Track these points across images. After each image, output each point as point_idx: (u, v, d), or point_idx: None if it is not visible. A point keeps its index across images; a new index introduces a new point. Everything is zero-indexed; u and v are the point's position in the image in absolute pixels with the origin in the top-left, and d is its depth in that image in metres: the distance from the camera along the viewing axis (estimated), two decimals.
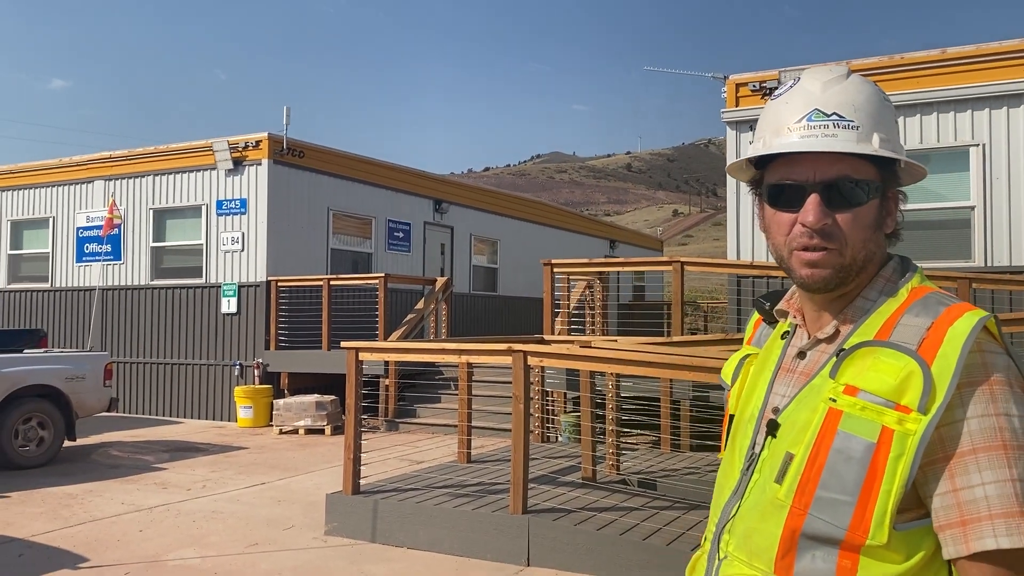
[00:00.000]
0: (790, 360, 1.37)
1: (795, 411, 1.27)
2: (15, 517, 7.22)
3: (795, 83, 1.31)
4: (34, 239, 16.87)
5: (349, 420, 6.73)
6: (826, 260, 1.25)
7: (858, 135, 1.24)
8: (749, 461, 1.33)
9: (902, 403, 1.16)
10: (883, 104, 1.28)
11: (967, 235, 9.29)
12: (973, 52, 9.24)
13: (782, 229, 1.29)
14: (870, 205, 1.26)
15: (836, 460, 1.18)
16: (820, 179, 1.24)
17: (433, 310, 13.96)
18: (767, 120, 1.32)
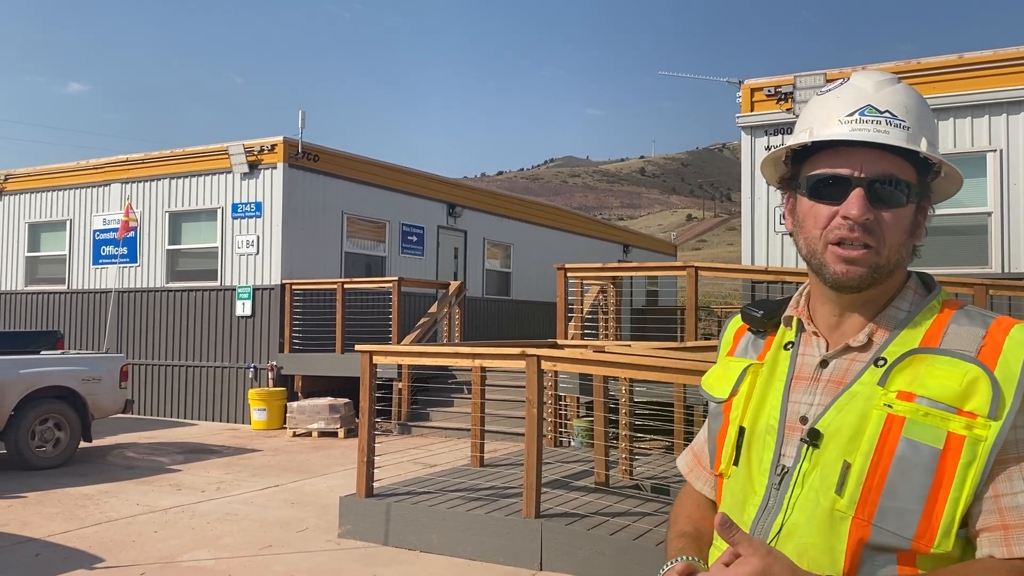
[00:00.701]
0: (809, 369, 1.32)
1: (837, 419, 1.23)
2: (32, 517, 7.28)
3: (845, 81, 1.30)
4: (51, 241, 17.01)
5: (363, 423, 6.75)
6: (864, 258, 1.23)
7: (908, 135, 1.23)
8: (780, 475, 1.27)
9: (966, 409, 1.15)
10: (930, 112, 1.29)
11: (984, 241, 9.23)
12: (991, 57, 9.19)
13: (819, 222, 1.26)
14: (909, 208, 1.26)
15: (900, 467, 1.16)
16: (867, 174, 1.23)
17: (446, 314, 13.98)
18: (814, 113, 1.31)
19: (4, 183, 17.56)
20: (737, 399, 1.38)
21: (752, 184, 10.21)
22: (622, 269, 11.78)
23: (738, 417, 1.36)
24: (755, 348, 1.43)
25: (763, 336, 1.43)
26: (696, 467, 1.56)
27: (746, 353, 1.44)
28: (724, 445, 1.38)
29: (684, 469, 1.59)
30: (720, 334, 1.56)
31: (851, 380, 1.26)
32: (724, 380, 1.43)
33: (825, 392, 1.28)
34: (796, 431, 1.28)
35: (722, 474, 1.38)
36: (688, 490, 1.58)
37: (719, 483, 1.41)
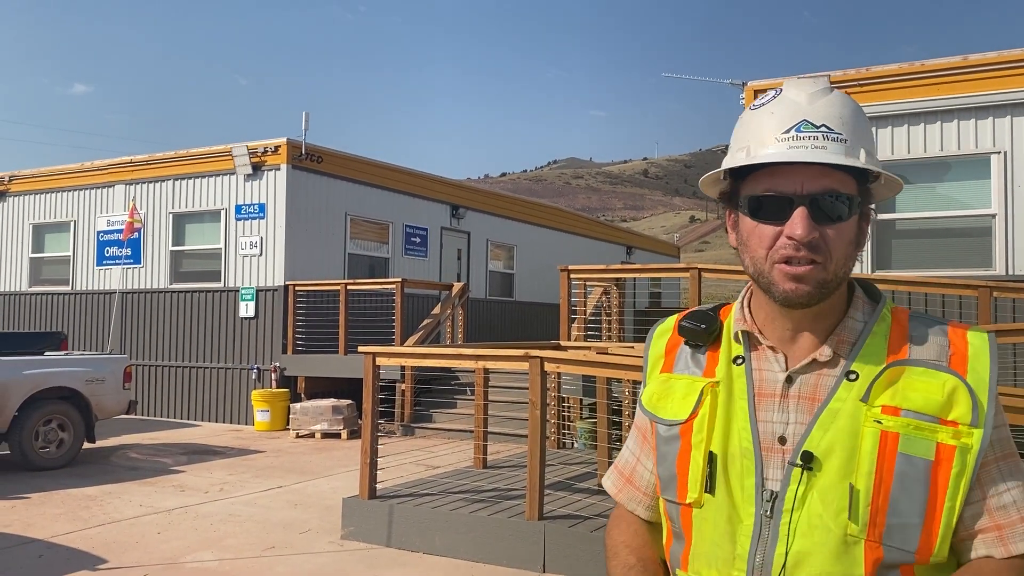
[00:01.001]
0: (772, 385, 1.27)
1: (827, 439, 1.20)
2: (35, 518, 7.29)
3: (778, 94, 1.26)
4: (55, 242, 17.04)
5: (366, 424, 6.75)
6: (811, 275, 1.20)
7: (846, 148, 1.20)
8: (770, 501, 1.22)
9: (950, 419, 1.17)
10: (865, 120, 1.26)
11: (988, 243, 9.20)
12: (995, 59, 9.17)
13: (764, 241, 1.23)
14: (852, 221, 1.23)
15: (902, 484, 1.17)
16: (808, 191, 1.20)
17: (449, 315, 13.98)
18: (749, 130, 1.27)
19: (8, 184, 17.60)
20: (699, 421, 1.29)
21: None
22: (625, 271, 11.78)
23: (703, 440, 1.28)
24: (696, 363, 1.35)
25: (702, 350, 1.36)
26: (627, 487, 1.48)
27: (688, 369, 1.35)
28: (690, 472, 1.29)
29: (613, 490, 1.51)
30: (647, 347, 1.45)
31: (826, 396, 1.23)
32: (675, 400, 1.34)
33: (799, 410, 1.24)
34: (776, 452, 1.24)
35: (691, 503, 1.28)
36: (621, 513, 1.50)
37: (685, 512, 1.30)
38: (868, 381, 1.22)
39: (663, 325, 1.45)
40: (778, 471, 1.22)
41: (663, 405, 1.35)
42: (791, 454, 1.22)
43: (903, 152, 9.59)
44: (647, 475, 1.44)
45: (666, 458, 1.33)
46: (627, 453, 1.50)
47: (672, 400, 1.34)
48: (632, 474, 1.47)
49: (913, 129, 9.54)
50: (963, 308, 9.00)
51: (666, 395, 1.35)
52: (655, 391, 1.38)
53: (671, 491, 1.32)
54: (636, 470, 1.46)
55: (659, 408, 1.36)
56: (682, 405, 1.32)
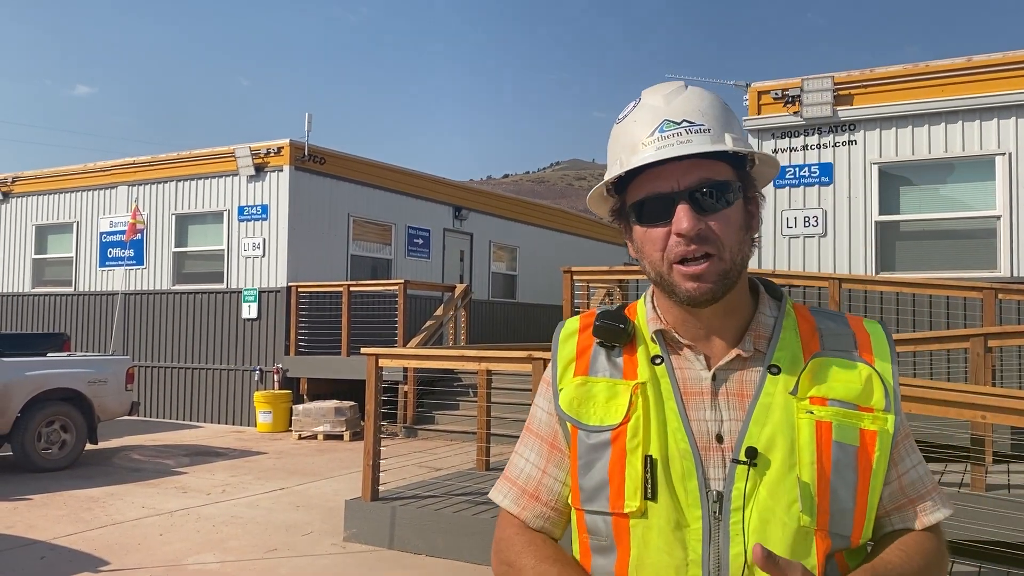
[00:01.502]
0: (697, 383, 1.26)
1: (765, 433, 1.20)
2: (37, 520, 7.28)
3: (637, 102, 1.29)
4: (58, 243, 17.05)
5: (368, 426, 6.73)
6: (709, 270, 1.21)
7: (711, 137, 1.22)
8: (718, 500, 1.20)
9: (868, 405, 1.24)
10: (726, 108, 1.28)
11: (993, 245, 9.17)
12: (999, 60, 9.14)
13: (656, 245, 1.24)
14: (736, 206, 1.25)
15: (838, 471, 1.20)
16: (685, 186, 1.21)
17: (452, 317, 13.97)
18: (619, 143, 1.28)
19: (11, 185, 17.62)
20: (632, 424, 1.24)
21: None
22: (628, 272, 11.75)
23: (639, 445, 1.23)
24: (614, 365, 1.30)
25: (618, 351, 1.32)
26: (532, 503, 1.37)
27: (606, 371, 1.30)
28: (627, 478, 1.23)
29: (514, 508, 1.38)
30: (554, 350, 1.38)
31: (755, 391, 1.24)
32: (598, 404, 1.28)
33: (731, 407, 1.24)
34: (714, 451, 1.22)
35: (629, 512, 1.22)
36: (518, 531, 1.37)
37: (619, 522, 1.23)
38: (793, 374, 1.24)
39: (568, 326, 1.39)
40: (720, 470, 1.21)
41: (586, 410, 1.29)
42: (732, 452, 1.21)
43: (907, 153, 9.57)
44: (558, 487, 1.35)
45: (592, 466, 1.26)
46: (527, 466, 1.39)
47: (595, 404, 1.28)
48: (538, 488, 1.37)
49: (917, 130, 9.52)
50: (967, 310, 8.97)
51: (587, 399, 1.29)
52: (574, 396, 1.31)
53: (599, 501, 1.25)
54: (543, 483, 1.36)
55: (582, 414, 1.29)
56: (608, 409, 1.27)
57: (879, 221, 9.61)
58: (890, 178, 9.68)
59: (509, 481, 1.41)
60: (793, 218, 9.95)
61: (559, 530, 1.38)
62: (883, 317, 9.44)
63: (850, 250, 9.67)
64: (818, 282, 9.23)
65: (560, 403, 1.32)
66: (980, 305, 8.47)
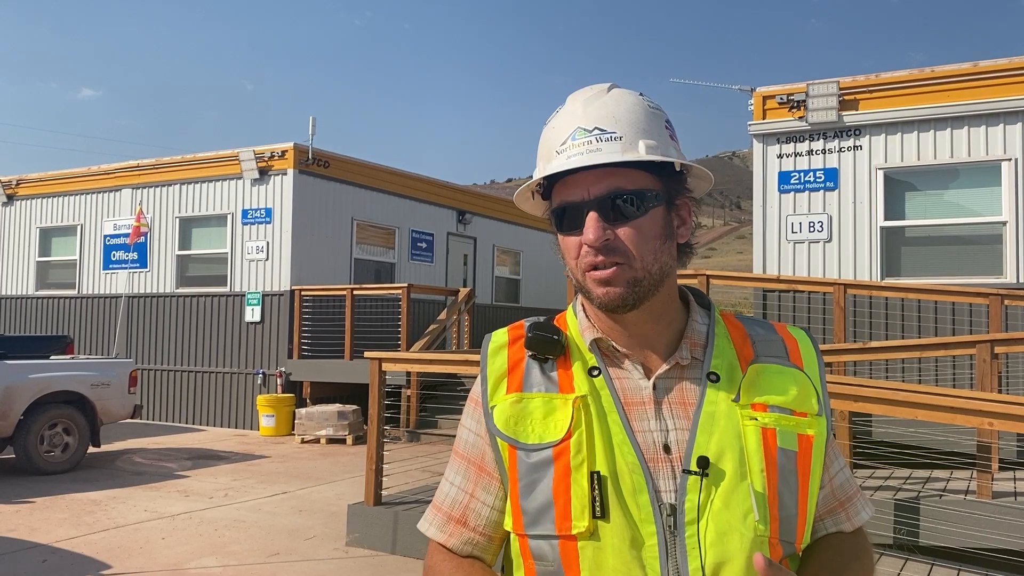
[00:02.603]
0: (637, 394, 1.22)
1: (714, 442, 1.17)
2: (39, 523, 7.26)
3: (561, 107, 1.27)
4: (62, 246, 17.06)
5: (371, 430, 6.71)
6: (617, 276, 1.19)
7: (623, 145, 1.19)
8: (672, 514, 1.15)
9: (803, 410, 1.23)
10: (648, 112, 1.23)
11: (999, 251, 9.14)
12: (1006, 65, 9.12)
13: (571, 252, 1.23)
14: (652, 215, 1.21)
15: (783, 477, 1.19)
16: (594, 195, 1.19)
17: (455, 321, 13.95)
18: (541, 148, 1.28)
19: (16, 188, 17.64)
20: (575, 440, 1.18)
21: (764, 192, 10.16)
22: None
23: (583, 462, 1.17)
24: (548, 379, 1.25)
25: (551, 364, 1.27)
26: (460, 530, 1.31)
27: (541, 386, 1.25)
28: (573, 498, 1.16)
29: (440, 536, 1.33)
30: (483, 364, 1.32)
31: (697, 400, 1.21)
32: (535, 421, 1.22)
33: (675, 416, 1.21)
34: (663, 463, 1.18)
35: (577, 534, 1.16)
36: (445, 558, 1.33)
37: (567, 545, 1.17)
38: (732, 381, 1.23)
39: (496, 339, 1.34)
40: (670, 482, 1.17)
41: (523, 429, 1.22)
42: (682, 462, 1.17)
43: (913, 159, 9.54)
44: (486, 511, 1.29)
45: (534, 487, 1.19)
46: (454, 491, 1.33)
47: (532, 422, 1.22)
48: (465, 514, 1.31)
49: (923, 135, 9.49)
50: (973, 316, 8.93)
51: (523, 417, 1.23)
52: (509, 413, 1.24)
53: (544, 524, 1.18)
54: (470, 508, 1.30)
55: (519, 432, 1.23)
56: (547, 425, 1.21)
57: (885, 226, 9.58)
58: (896, 183, 9.65)
59: (435, 508, 1.36)
60: (798, 223, 9.92)
61: (490, 555, 1.33)
62: (888, 323, 9.40)
63: (855, 255, 9.64)
64: (823, 287, 9.20)
65: (495, 422, 1.25)
66: (986, 311, 8.44)
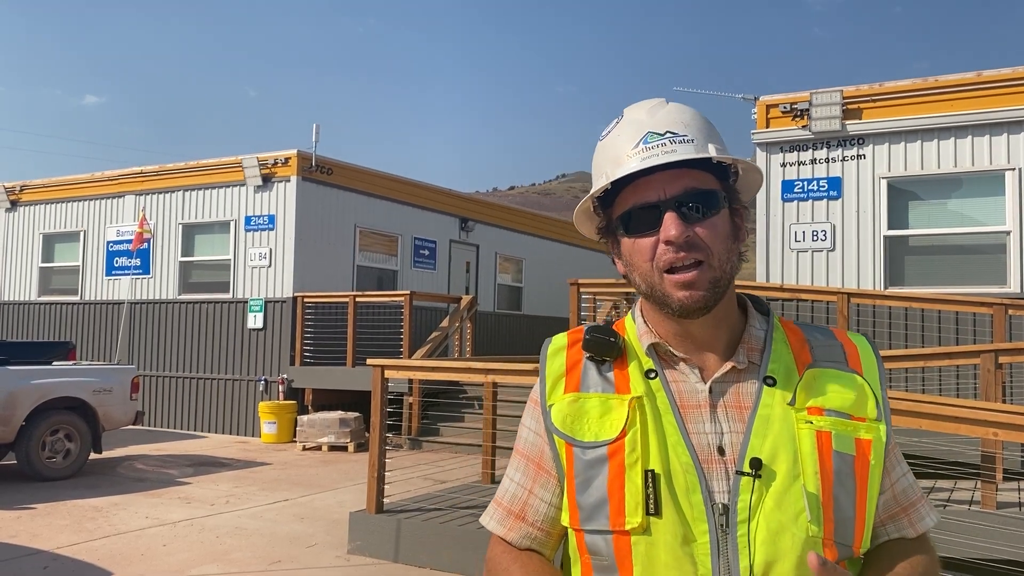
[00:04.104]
0: (693, 396, 1.26)
1: (767, 444, 1.20)
2: (41, 529, 7.25)
3: (620, 119, 1.31)
4: (65, 252, 17.08)
5: (373, 438, 6.69)
6: (700, 277, 1.22)
7: (695, 147, 1.24)
8: (724, 513, 1.19)
9: (861, 415, 1.24)
10: (708, 122, 1.30)
11: (1003, 260, 9.12)
12: (1009, 75, 9.12)
13: (645, 255, 1.25)
14: (723, 215, 1.26)
15: (839, 480, 1.20)
16: (671, 194, 1.23)
17: (458, 328, 13.94)
18: (604, 157, 1.30)
19: (19, 194, 17.67)
20: (630, 439, 1.22)
21: (767, 201, 10.16)
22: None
23: (638, 460, 1.21)
24: (606, 380, 1.29)
25: (608, 366, 1.30)
26: (519, 524, 1.35)
27: (598, 387, 1.29)
28: (627, 495, 1.20)
29: (500, 529, 1.37)
30: (542, 365, 1.36)
31: (753, 403, 1.24)
32: (592, 420, 1.26)
33: (730, 419, 1.24)
34: (716, 464, 1.21)
35: (631, 529, 1.20)
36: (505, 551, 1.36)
37: (620, 541, 1.21)
38: (789, 385, 1.25)
39: (556, 342, 1.38)
40: (723, 483, 1.21)
41: (579, 427, 1.27)
42: (736, 464, 1.21)
43: (917, 168, 9.54)
44: (543, 507, 1.34)
45: (590, 483, 1.24)
46: (513, 487, 1.38)
47: (589, 420, 1.27)
48: (524, 509, 1.35)
49: (926, 145, 9.49)
50: (977, 326, 8.91)
51: (580, 416, 1.28)
52: (567, 412, 1.29)
53: (599, 519, 1.23)
54: (529, 503, 1.35)
55: (576, 430, 1.27)
56: (603, 424, 1.25)
57: (888, 236, 9.57)
58: (899, 192, 9.64)
59: (496, 503, 1.40)
60: (801, 232, 9.92)
61: (548, 550, 1.37)
62: (892, 332, 9.39)
63: (859, 264, 9.63)
64: (826, 296, 9.18)
65: (552, 420, 1.30)
66: (990, 321, 8.42)
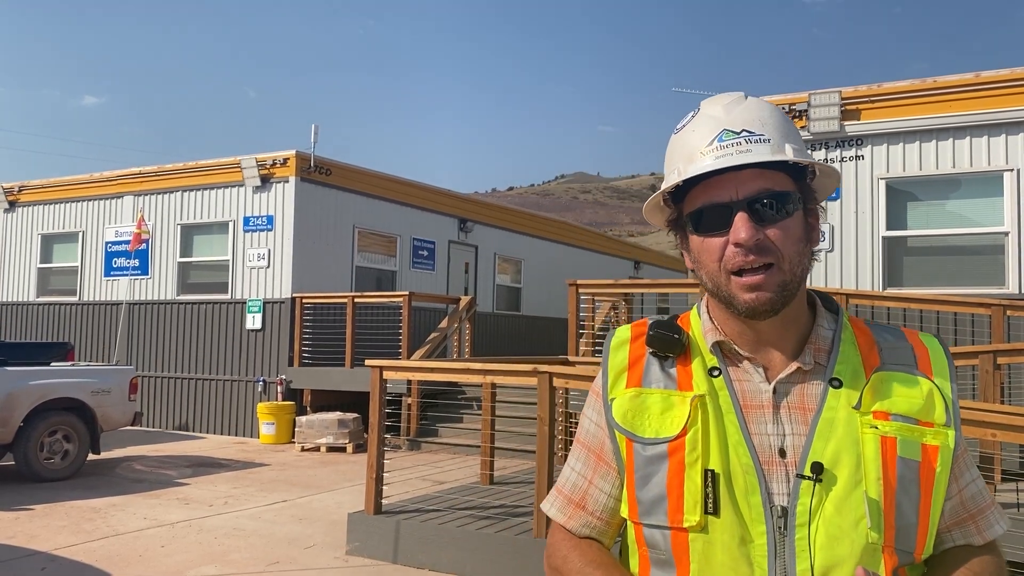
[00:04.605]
0: (757, 396, 1.25)
1: (830, 448, 1.19)
2: (39, 530, 7.24)
3: (696, 112, 1.29)
4: (64, 253, 17.07)
5: (372, 439, 6.69)
6: (768, 281, 1.20)
7: (771, 147, 1.22)
8: (783, 516, 1.18)
9: (929, 420, 1.22)
10: (787, 119, 1.27)
11: (1000, 261, 9.13)
12: (1008, 76, 9.12)
13: (714, 255, 1.23)
14: (796, 217, 1.24)
15: (903, 486, 1.19)
16: (744, 196, 1.21)
17: (456, 329, 13.93)
18: (677, 152, 1.28)
19: (18, 194, 17.66)
20: (691, 437, 1.22)
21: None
22: (634, 286, 11.72)
23: (698, 459, 1.21)
24: (668, 376, 1.28)
25: (671, 362, 1.30)
26: (579, 513, 1.36)
27: (660, 383, 1.28)
28: (687, 492, 1.20)
29: (561, 517, 1.38)
30: (605, 359, 1.36)
31: (817, 405, 1.23)
32: (653, 416, 1.26)
33: (793, 421, 1.22)
34: (777, 466, 1.20)
35: (689, 527, 1.20)
36: (564, 538, 1.38)
37: (678, 537, 1.21)
38: (855, 388, 1.23)
39: (620, 335, 1.37)
40: (783, 485, 1.20)
41: (640, 423, 1.27)
42: (797, 467, 1.20)
43: (915, 169, 9.54)
44: (603, 498, 1.34)
45: (649, 479, 1.24)
46: (574, 476, 1.38)
47: (650, 416, 1.26)
48: (584, 498, 1.36)
49: (925, 146, 9.49)
50: (975, 326, 8.92)
51: (641, 411, 1.27)
52: (628, 407, 1.29)
53: (657, 515, 1.23)
54: (589, 493, 1.35)
55: (637, 426, 1.27)
56: (664, 421, 1.25)
57: (886, 236, 9.57)
58: (897, 193, 9.65)
59: (557, 490, 1.42)
60: None
61: (607, 538, 1.38)
62: None
63: (857, 265, 9.63)
64: None
65: (613, 415, 1.30)
66: (988, 322, 8.42)
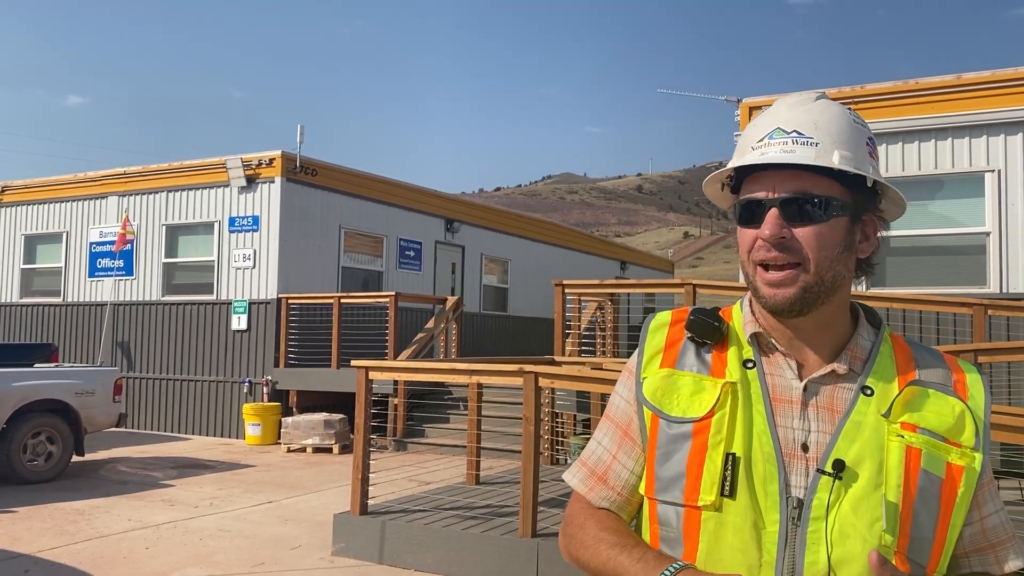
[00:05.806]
0: (787, 392, 1.27)
1: (854, 449, 1.21)
2: (22, 532, 7.20)
3: (768, 108, 1.33)
4: (47, 253, 16.95)
5: (358, 439, 6.69)
6: (790, 279, 1.23)
7: (817, 152, 1.23)
8: (797, 507, 1.20)
9: (957, 440, 1.23)
10: (851, 126, 1.27)
11: (982, 261, 9.21)
12: (989, 78, 9.21)
13: (745, 246, 1.28)
14: (834, 224, 1.24)
15: (923, 498, 1.20)
16: (779, 194, 1.24)
17: (443, 329, 13.93)
18: (740, 143, 1.33)
19: (1, 195, 17.53)
20: (717, 420, 1.25)
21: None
22: (620, 286, 11.76)
23: (721, 442, 1.24)
24: (702, 361, 1.31)
25: (708, 348, 1.33)
26: (599, 486, 1.39)
27: (694, 366, 1.31)
28: (706, 472, 1.23)
29: (582, 488, 1.41)
30: (643, 338, 1.39)
31: (847, 408, 1.24)
32: (682, 396, 1.29)
33: (820, 419, 1.25)
34: (798, 459, 1.23)
35: (703, 506, 1.23)
36: (583, 507, 1.40)
37: (691, 515, 1.24)
38: (886, 397, 1.25)
39: (660, 318, 1.41)
40: (802, 478, 1.22)
41: (669, 401, 1.30)
42: (818, 462, 1.22)
43: (897, 170, 9.61)
44: (625, 474, 1.37)
45: (671, 456, 1.27)
46: (599, 450, 1.41)
47: (679, 396, 1.30)
48: (607, 472, 1.38)
49: (907, 147, 9.57)
50: (957, 326, 9.00)
51: (671, 391, 1.31)
52: (658, 386, 1.32)
53: (674, 492, 1.26)
54: (612, 468, 1.38)
55: (665, 404, 1.30)
56: (693, 402, 1.28)
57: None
58: None
59: (581, 462, 1.44)
60: None
61: (626, 515, 1.39)
62: None
63: None
64: None
65: (644, 391, 1.33)
66: (970, 321, 8.50)
